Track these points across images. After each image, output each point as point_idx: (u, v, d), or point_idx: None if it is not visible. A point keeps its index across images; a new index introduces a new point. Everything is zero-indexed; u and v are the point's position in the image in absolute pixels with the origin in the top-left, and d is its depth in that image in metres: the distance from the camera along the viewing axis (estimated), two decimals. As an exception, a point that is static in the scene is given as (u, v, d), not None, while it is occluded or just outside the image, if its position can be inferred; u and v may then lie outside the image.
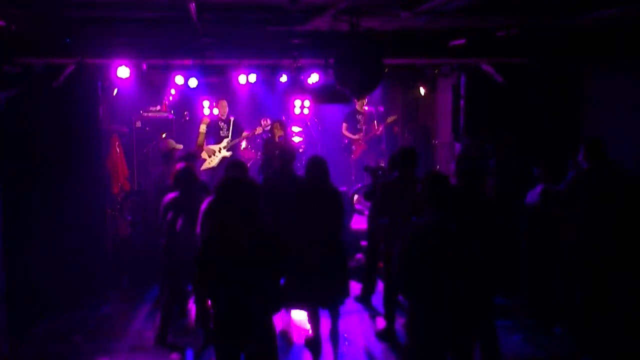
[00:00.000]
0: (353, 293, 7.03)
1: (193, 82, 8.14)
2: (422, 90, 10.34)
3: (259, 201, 3.98)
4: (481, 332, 4.93)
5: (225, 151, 9.62)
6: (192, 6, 5.17)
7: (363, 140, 10.23)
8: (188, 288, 6.27)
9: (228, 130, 9.70)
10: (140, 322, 6.72)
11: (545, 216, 6.05)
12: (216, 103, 10.19)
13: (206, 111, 11.04)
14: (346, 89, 6.24)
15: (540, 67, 7.60)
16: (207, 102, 11.07)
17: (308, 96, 10.02)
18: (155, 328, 6.26)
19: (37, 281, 6.73)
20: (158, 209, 6.02)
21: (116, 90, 9.57)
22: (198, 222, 5.49)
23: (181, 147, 7.81)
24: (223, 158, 9.57)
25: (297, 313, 6.37)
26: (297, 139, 10.72)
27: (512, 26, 6.30)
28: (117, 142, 9.78)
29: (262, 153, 9.34)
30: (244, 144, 10.56)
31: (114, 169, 9.65)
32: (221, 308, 3.88)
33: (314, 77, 7.86)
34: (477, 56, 7.59)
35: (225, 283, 3.79)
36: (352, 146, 10.28)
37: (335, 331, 5.93)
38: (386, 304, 6.16)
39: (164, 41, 7.22)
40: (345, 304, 5.97)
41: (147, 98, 10.40)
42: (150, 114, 10.54)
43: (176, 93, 10.70)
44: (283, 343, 5.99)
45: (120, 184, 9.72)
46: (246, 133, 9.79)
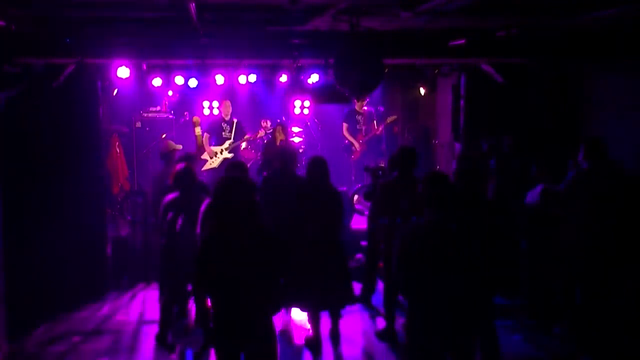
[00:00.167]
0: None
1: (193, 82, 8.15)
2: (422, 90, 10.33)
3: (259, 201, 3.98)
4: (481, 332, 4.93)
5: (227, 153, 9.62)
6: (192, 6, 5.17)
7: (363, 140, 10.23)
8: (188, 288, 6.27)
9: (231, 131, 9.69)
10: (139, 322, 6.72)
11: (545, 216, 6.05)
12: (219, 103, 10.19)
13: (206, 111, 11.04)
14: (346, 89, 6.24)
15: (540, 67, 7.60)
16: (207, 103, 11.07)
17: (308, 96, 10.00)
18: (155, 328, 6.27)
19: (37, 281, 6.74)
20: (158, 209, 6.02)
21: (116, 90, 9.57)
22: (198, 223, 5.49)
23: (181, 148, 7.81)
24: (224, 159, 9.57)
25: (297, 313, 6.37)
26: (297, 139, 10.71)
27: (512, 26, 6.31)
28: (117, 142, 9.79)
29: (262, 154, 9.34)
30: (244, 144, 10.56)
31: (114, 169, 9.66)
32: (221, 308, 3.88)
33: (314, 77, 7.87)
34: (477, 56, 7.59)
35: (225, 283, 3.79)
36: (353, 146, 10.28)
37: (335, 331, 5.93)
38: (386, 304, 6.16)
39: (164, 41, 7.22)
40: (351, 301, 5.97)
41: (147, 98, 10.40)
42: (150, 114, 10.54)
43: (176, 93, 10.69)
44: (283, 343, 5.99)
45: (120, 184, 9.73)
46: (248, 136, 9.78)
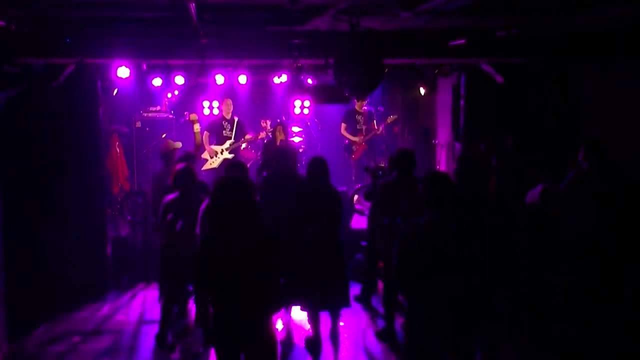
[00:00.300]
0: (353, 293, 7.04)
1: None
2: (422, 90, 10.33)
3: (259, 201, 3.98)
4: (481, 332, 4.93)
5: (227, 153, 9.61)
6: (192, 6, 5.17)
7: (363, 140, 10.22)
8: (188, 288, 6.27)
9: (231, 130, 9.66)
10: (140, 322, 6.72)
11: (545, 216, 6.05)
12: (220, 102, 10.17)
13: (206, 111, 11.03)
14: (346, 89, 6.24)
15: (540, 67, 7.61)
16: (207, 103, 11.07)
17: (308, 96, 10.00)
18: (155, 328, 6.27)
19: (37, 281, 6.74)
20: (158, 209, 6.02)
21: (116, 90, 9.57)
22: (198, 223, 5.49)
23: (180, 145, 7.81)
24: (225, 160, 9.56)
25: (297, 313, 6.37)
26: (297, 139, 10.71)
27: (512, 26, 6.31)
28: (117, 142, 9.79)
29: (262, 154, 9.34)
30: (244, 144, 10.55)
31: (114, 169, 9.66)
32: (221, 308, 3.88)
33: (314, 77, 7.87)
34: (477, 56, 7.59)
35: (224, 283, 3.79)
36: (353, 146, 10.28)
37: (335, 331, 5.93)
38: (386, 304, 6.16)
39: (164, 41, 7.22)
40: (349, 305, 5.97)
41: (147, 98, 10.40)
42: (150, 114, 10.53)
43: (176, 93, 10.69)
44: (283, 343, 5.99)
45: (120, 184, 9.73)
46: (249, 136, 9.76)
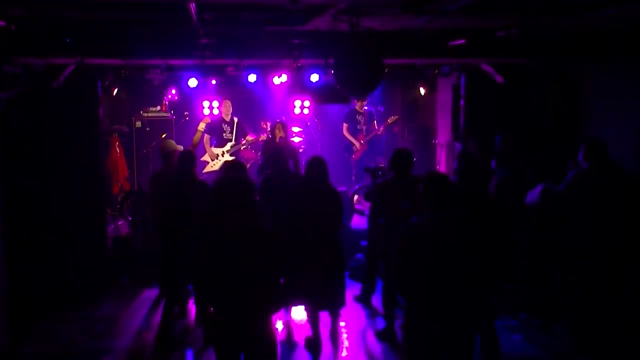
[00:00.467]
0: (353, 293, 7.06)
1: (193, 82, 8.17)
2: (422, 90, 10.34)
3: (259, 201, 3.98)
4: (481, 332, 4.93)
5: (228, 155, 9.61)
6: (192, 6, 5.17)
7: (364, 141, 10.23)
8: (188, 288, 6.27)
9: (232, 132, 9.67)
10: (140, 322, 6.72)
11: (545, 216, 6.05)
12: (219, 103, 10.17)
13: (206, 111, 11.04)
14: (346, 89, 6.24)
15: (540, 67, 7.61)
16: (207, 102, 11.07)
17: (308, 96, 10.01)
18: (155, 328, 6.27)
19: (37, 281, 6.74)
20: (157, 209, 6.03)
21: (116, 90, 9.58)
22: (198, 223, 5.49)
23: (182, 149, 7.82)
24: (226, 162, 9.55)
25: (297, 313, 6.37)
26: (297, 139, 10.72)
27: (512, 26, 6.30)
28: (117, 142, 9.80)
29: (262, 153, 9.34)
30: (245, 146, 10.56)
31: (114, 169, 9.67)
32: (221, 308, 3.88)
33: (314, 77, 7.87)
34: (477, 56, 7.59)
35: (224, 283, 3.79)
36: (353, 146, 10.28)
37: (335, 331, 5.93)
38: (386, 304, 6.16)
39: (164, 41, 7.22)
40: (345, 304, 5.97)
41: (147, 98, 10.41)
42: (150, 114, 10.54)
43: (176, 93, 10.70)
44: (283, 343, 5.99)
45: (120, 184, 9.73)
46: (250, 138, 9.75)
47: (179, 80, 8.40)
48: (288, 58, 7.63)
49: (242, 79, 8.43)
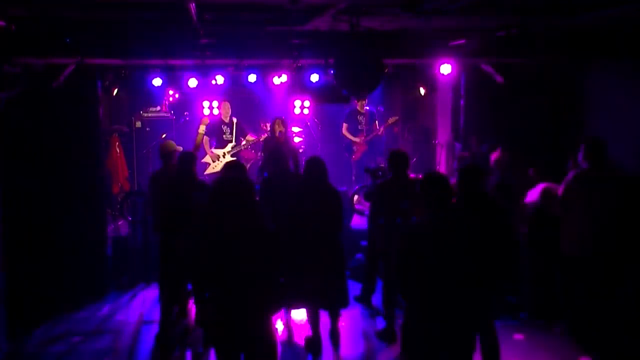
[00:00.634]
0: (353, 293, 7.05)
1: (193, 82, 8.17)
2: (422, 90, 10.34)
3: (259, 201, 3.99)
4: (481, 332, 4.93)
5: (229, 156, 9.61)
6: (192, 6, 5.18)
7: (364, 140, 10.23)
8: (188, 288, 6.27)
9: (231, 133, 9.67)
10: (140, 322, 6.72)
11: (545, 216, 6.05)
12: (219, 104, 10.17)
13: (206, 111, 11.04)
14: (346, 89, 6.25)
15: (540, 67, 7.60)
16: (207, 103, 11.07)
17: (308, 96, 10.01)
18: (155, 328, 6.27)
19: (37, 281, 6.73)
20: (157, 209, 6.03)
21: (116, 90, 9.58)
22: (198, 223, 5.49)
23: (182, 149, 7.82)
24: (227, 163, 9.55)
25: (297, 313, 6.37)
26: (297, 139, 10.72)
27: (512, 26, 6.31)
28: (117, 142, 9.80)
29: (262, 152, 9.34)
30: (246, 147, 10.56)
31: (114, 169, 9.67)
32: (221, 308, 3.88)
33: (314, 77, 7.87)
34: (477, 56, 7.59)
35: (224, 283, 3.79)
36: (354, 146, 10.28)
37: (335, 331, 5.93)
38: (386, 304, 6.16)
39: (164, 41, 7.22)
40: (348, 304, 5.97)
41: (147, 98, 10.41)
42: (150, 114, 10.54)
43: (176, 93, 10.70)
44: (283, 343, 5.99)
45: (120, 184, 9.73)
46: (251, 138, 9.75)
47: (179, 80, 8.40)
48: (288, 58, 7.64)
49: (242, 79, 8.44)
